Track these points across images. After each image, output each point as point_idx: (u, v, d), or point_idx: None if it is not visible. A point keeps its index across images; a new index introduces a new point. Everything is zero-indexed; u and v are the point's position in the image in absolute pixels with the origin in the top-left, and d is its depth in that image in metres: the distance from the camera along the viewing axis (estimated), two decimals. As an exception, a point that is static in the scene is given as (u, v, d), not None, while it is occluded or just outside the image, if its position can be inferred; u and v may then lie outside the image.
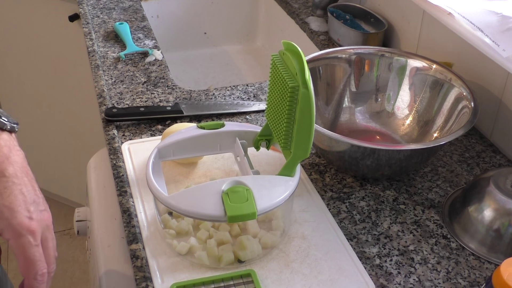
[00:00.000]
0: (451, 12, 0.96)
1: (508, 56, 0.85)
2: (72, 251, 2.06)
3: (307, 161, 0.92)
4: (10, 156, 0.64)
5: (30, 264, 0.62)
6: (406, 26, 1.20)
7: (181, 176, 0.86)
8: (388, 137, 0.99)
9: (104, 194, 0.93)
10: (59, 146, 2.06)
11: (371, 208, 0.84)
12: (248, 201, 0.68)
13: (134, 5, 1.43)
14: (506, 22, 0.91)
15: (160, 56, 1.20)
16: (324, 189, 0.87)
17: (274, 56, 0.75)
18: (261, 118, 1.02)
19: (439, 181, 0.90)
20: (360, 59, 1.01)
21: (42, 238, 0.63)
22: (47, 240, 0.64)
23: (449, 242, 0.79)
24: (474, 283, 0.74)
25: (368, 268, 0.75)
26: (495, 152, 0.97)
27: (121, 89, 1.09)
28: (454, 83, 0.93)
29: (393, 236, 0.80)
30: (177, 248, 0.73)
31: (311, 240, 0.77)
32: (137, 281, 0.71)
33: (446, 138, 0.81)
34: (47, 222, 0.64)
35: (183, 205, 0.68)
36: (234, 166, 0.88)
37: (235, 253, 0.73)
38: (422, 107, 0.98)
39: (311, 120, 0.70)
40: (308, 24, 1.38)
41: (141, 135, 0.96)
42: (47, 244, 0.64)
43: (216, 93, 1.09)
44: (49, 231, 0.64)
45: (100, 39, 1.27)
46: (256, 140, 0.81)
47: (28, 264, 0.62)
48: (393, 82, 1.00)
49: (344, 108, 1.02)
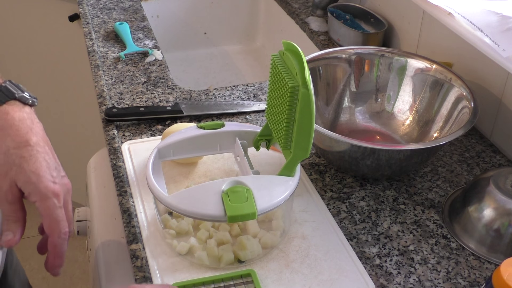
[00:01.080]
0: (451, 12, 0.96)
1: (508, 56, 0.85)
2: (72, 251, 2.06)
3: (307, 161, 0.92)
4: (32, 127, 0.70)
5: (55, 224, 0.67)
6: (406, 26, 1.20)
7: (181, 176, 0.86)
8: (388, 137, 0.99)
9: (104, 194, 0.93)
10: (59, 146, 2.04)
11: (371, 208, 0.84)
12: (248, 201, 0.68)
13: (134, 5, 1.43)
14: (506, 22, 0.91)
15: (160, 56, 1.20)
16: (324, 189, 0.87)
17: (274, 56, 0.75)
18: (261, 118, 1.02)
19: (439, 181, 0.90)
20: (360, 59, 1.01)
21: (63, 201, 0.69)
22: (67, 203, 0.70)
23: (449, 242, 0.79)
24: (474, 283, 0.74)
25: (368, 268, 0.75)
26: (495, 152, 0.97)
27: (121, 89, 1.09)
28: (454, 83, 0.93)
29: (393, 236, 0.80)
30: (177, 248, 0.73)
31: (311, 240, 0.77)
32: (137, 281, 0.71)
33: (446, 138, 0.81)
34: (68, 187, 0.70)
35: (183, 205, 0.68)
36: (234, 166, 0.88)
37: (235, 253, 0.73)
38: (422, 107, 0.98)
39: (311, 120, 0.70)
40: (308, 24, 1.38)
41: (141, 135, 0.96)
42: (68, 207, 0.70)
43: (216, 93, 1.09)
44: (69, 195, 0.70)
45: (100, 39, 1.27)
46: (256, 140, 0.81)
47: (53, 224, 0.67)
48: (393, 82, 1.00)
49: (344, 108, 1.02)
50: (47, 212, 0.66)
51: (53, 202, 0.66)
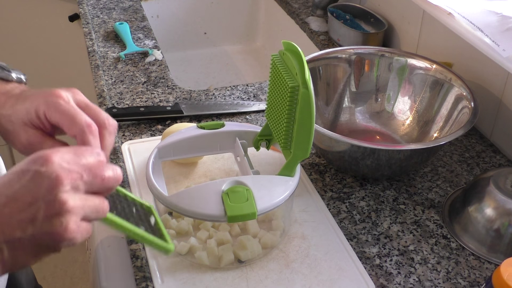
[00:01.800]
0: (451, 12, 0.96)
1: (508, 56, 0.85)
2: (72, 251, 2.06)
3: (307, 161, 0.92)
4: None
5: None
6: (406, 26, 1.20)
7: (181, 176, 0.86)
8: (388, 137, 0.99)
9: (104, 194, 0.92)
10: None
11: (371, 208, 0.84)
12: (248, 201, 0.68)
13: (134, 5, 1.43)
14: (506, 22, 0.91)
15: (160, 56, 1.20)
16: (324, 189, 0.87)
17: (274, 56, 0.75)
18: (261, 118, 1.02)
19: (439, 181, 0.90)
20: (360, 59, 1.01)
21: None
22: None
23: (449, 242, 0.79)
24: (474, 283, 0.74)
25: (368, 268, 0.75)
26: (495, 152, 0.97)
27: (121, 89, 1.09)
28: (454, 83, 0.93)
29: (393, 236, 0.80)
30: (177, 248, 0.73)
31: (311, 240, 0.77)
32: (137, 281, 0.71)
33: (446, 138, 0.81)
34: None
35: (183, 205, 0.68)
36: (234, 166, 0.88)
37: (235, 253, 0.73)
38: (422, 107, 0.98)
39: (311, 120, 0.70)
40: (308, 24, 1.38)
41: (141, 135, 0.96)
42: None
43: (216, 93, 1.09)
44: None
45: (100, 39, 1.27)
46: (256, 140, 0.81)
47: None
48: (393, 82, 1.00)
49: (344, 108, 1.02)
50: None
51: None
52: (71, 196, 0.49)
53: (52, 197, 0.48)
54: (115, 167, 0.54)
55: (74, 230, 0.49)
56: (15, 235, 0.48)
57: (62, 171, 0.49)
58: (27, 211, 0.48)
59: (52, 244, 0.49)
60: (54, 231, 0.48)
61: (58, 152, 0.50)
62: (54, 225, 0.48)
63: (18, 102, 0.62)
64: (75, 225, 0.49)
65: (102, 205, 0.52)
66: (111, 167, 0.53)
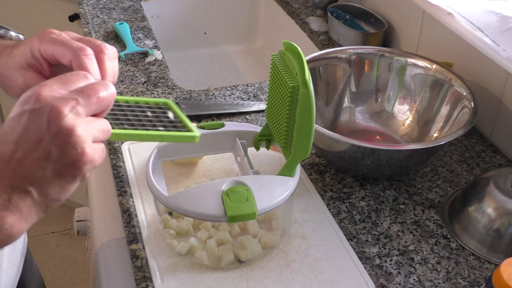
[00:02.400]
0: (451, 12, 0.96)
1: (508, 56, 0.85)
2: (72, 251, 2.06)
3: (307, 161, 0.92)
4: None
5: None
6: (406, 26, 1.20)
7: (181, 176, 0.86)
8: (388, 137, 0.99)
9: (104, 194, 0.93)
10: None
11: (371, 208, 0.84)
12: (248, 201, 0.68)
13: (134, 5, 1.43)
14: (506, 22, 0.91)
15: (160, 56, 1.20)
16: (324, 189, 0.87)
17: (274, 56, 0.75)
18: (261, 118, 1.02)
19: (439, 181, 0.90)
20: (360, 59, 1.01)
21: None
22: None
23: (449, 242, 0.79)
24: (474, 283, 0.74)
25: (368, 268, 0.75)
26: (495, 152, 0.97)
27: (121, 89, 1.09)
28: (454, 83, 0.93)
29: (393, 236, 0.80)
30: (177, 248, 0.73)
31: (311, 240, 0.77)
32: (137, 281, 0.71)
33: (446, 138, 0.81)
34: None
35: (183, 205, 0.68)
36: (234, 166, 0.88)
37: (235, 253, 0.73)
38: (422, 107, 0.98)
39: (311, 120, 0.70)
40: (308, 24, 1.38)
41: (141, 135, 0.96)
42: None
43: (216, 93, 1.09)
44: None
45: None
46: (256, 140, 0.81)
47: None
48: (393, 82, 1.00)
49: (344, 108, 1.02)
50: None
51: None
52: (76, 121, 0.48)
53: (56, 128, 0.47)
54: (105, 83, 0.53)
55: (91, 152, 0.50)
56: (37, 176, 0.48)
57: (56, 101, 0.48)
58: (39, 149, 0.48)
59: (76, 173, 0.50)
60: (72, 159, 0.49)
61: (45, 85, 0.50)
62: (71, 153, 0.48)
63: (14, 49, 0.62)
64: (90, 147, 0.49)
65: (105, 124, 0.52)
66: (102, 83, 0.52)
